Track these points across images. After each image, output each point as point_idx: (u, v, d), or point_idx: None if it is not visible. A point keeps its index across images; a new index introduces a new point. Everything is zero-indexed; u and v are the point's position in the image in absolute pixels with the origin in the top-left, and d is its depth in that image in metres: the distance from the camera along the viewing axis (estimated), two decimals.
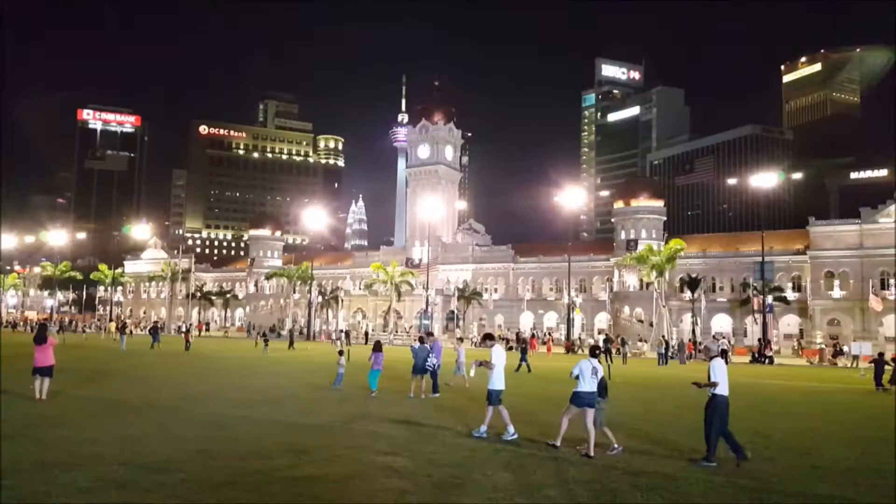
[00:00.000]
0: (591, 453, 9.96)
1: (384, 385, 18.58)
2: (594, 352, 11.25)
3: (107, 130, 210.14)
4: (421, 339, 19.13)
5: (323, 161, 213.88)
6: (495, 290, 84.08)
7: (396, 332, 72.73)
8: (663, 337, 46.72)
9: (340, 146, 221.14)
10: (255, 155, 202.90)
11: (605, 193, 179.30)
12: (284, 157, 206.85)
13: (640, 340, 57.97)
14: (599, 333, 67.08)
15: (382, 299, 79.26)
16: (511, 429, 11.30)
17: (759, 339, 49.97)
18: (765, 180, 60.06)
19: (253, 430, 12.26)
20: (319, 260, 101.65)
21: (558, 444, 10.46)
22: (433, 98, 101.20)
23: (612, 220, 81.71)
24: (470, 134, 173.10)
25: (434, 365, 18.11)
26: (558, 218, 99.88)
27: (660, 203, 78.85)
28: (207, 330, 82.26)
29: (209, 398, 16.85)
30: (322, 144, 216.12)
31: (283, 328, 74.57)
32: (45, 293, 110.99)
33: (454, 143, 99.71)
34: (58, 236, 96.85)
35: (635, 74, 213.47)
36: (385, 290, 76.99)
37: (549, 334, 65.97)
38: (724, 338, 50.49)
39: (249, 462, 9.33)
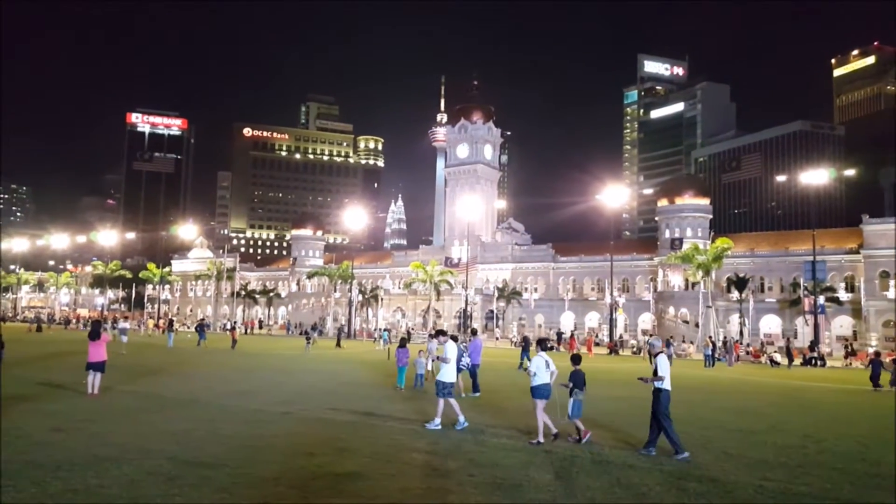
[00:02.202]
0: (541, 440, 10.71)
1: (424, 384, 18.70)
2: (544, 345, 11.89)
3: (154, 133, 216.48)
4: (454, 338, 19.15)
5: (363, 161, 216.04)
6: (535, 290, 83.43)
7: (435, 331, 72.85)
8: (710, 338, 45.54)
9: (380, 146, 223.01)
10: (297, 156, 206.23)
11: (648, 191, 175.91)
12: (325, 157, 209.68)
13: (685, 341, 56.67)
14: (643, 334, 65.92)
15: (422, 298, 79.52)
16: (438, 421, 11.96)
17: (802, 341, 48.27)
18: (815, 177, 57.99)
19: (296, 426, 12.38)
20: (359, 259, 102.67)
21: (541, 439, 10.82)
22: (472, 97, 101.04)
23: (656, 218, 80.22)
24: (509, 132, 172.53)
25: (468, 364, 18.10)
26: (600, 216, 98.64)
27: (705, 201, 77.03)
28: (260, 328, 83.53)
29: (253, 395, 17.08)
30: (362, 145, 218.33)
31: (325, 326, 75.42)
32: (96, 291, 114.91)
33: (493, 141, 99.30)
34: (108, 236, 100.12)
35: (679, 70, 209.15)
36: (424, 290, 77.20)
37: (592, 335, 65.08)
38: (719, 338, 49.75)
39: (293, 458, 9.41)
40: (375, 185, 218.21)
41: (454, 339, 18.97)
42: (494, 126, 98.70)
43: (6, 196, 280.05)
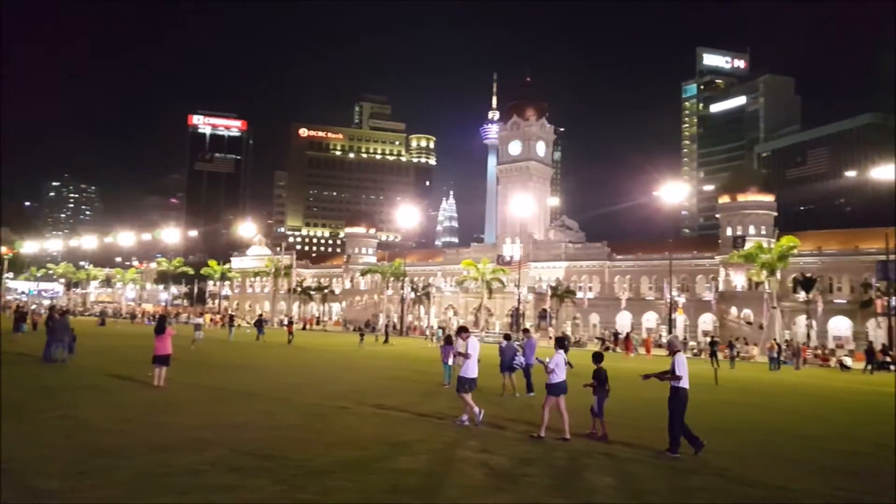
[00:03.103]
0: (567, 436, 10.84)
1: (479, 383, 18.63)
2: (562, 344, 12.04)
3: (215, 135, 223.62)
4: (507, 337, 19.17)
5: (415, 160, 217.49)
6: (590, 289, 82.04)
7: (488, 329, 72.67)
8: (775, 340, 43.78)
9: (432, 145, 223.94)
10: (351, 155, 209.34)
11: (708, 188, 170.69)
12: (378, 156, 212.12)
13: (749, 344, 54.65)
14: (704, 335, 63.93)
15: (473, 296, 79.38)
16: (465, 417, 12.17)
17: (875, 345, 45.72)
18: (887, 172, 54.87)
19: (351, 421, 12.51)
20: (411, 257, 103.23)
21: (542, 434, 10.98)
22: (524, 94, 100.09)
23: (717, 215, 77.65)
24: (563, 129, 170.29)
25: (522, 363, 17.93)
26: (657, 214, 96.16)
27: (769, 198, 74.09)
28: (317, 324, 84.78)
29: (309, 388, 17.36)
30: (414, 143, 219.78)
31: (378, 323, 76.30)
32: (160, 287, 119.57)
33: (546, 138, 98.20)
34: (171, 234, 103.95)
35: (740, 63, 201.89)
36: (476, 288, 77.03)
37: (651, 335, 63.55)
38: (713, 335, 48.74)
39: (349, 452, 9.52)
40: (427, 183, 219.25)
41: (507, 338, 18.90)
42: (547, 122, 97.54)
43: (76, 196, 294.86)
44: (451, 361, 20.11)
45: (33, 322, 38.39)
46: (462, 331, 13.95)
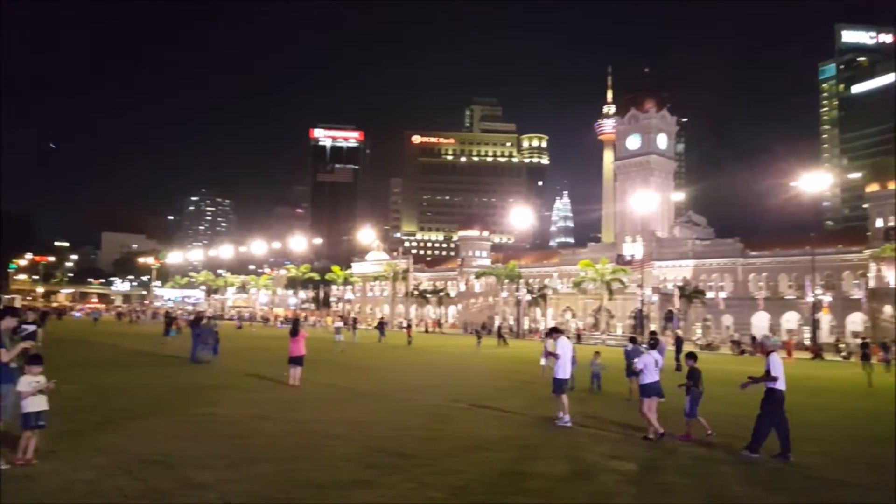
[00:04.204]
0: (650, 436, 10.81)
1: (604, 387, 18.39)
2: (654, 343, 12.33)
3: (335, 146, 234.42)
4: (632, 340, 18.27)
5: (527, 160, 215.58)
6: (721, 288, 76.78)
7: (609, 331, 70.00)
8: None
9: (544, 144, 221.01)
10: (463, 159, 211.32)
11: (853, 175, 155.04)
12: (490, 159, 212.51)
13: None
14: (854, 337, 57.73)
15: (592, 298, 76.92)
16: (567, 418, 12.06)
17: None
18: None
19: (474, 422, 12.53)
20: (526, 258, 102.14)
21: (651, 435, 10.86)
22: (642, 85, 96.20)
23: (865, 205, 70.40)
24: (686, 119, 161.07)
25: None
26: (796, 205, 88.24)
27: None
28: (439, 326, 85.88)
29: (431, 389, 17.55)
30: (526, 144, 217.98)
31: (493, 325, 75.86)
32: (290, 292, 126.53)
33: (668, 130, 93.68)
34: (298, 242, 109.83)
35: (886, 38, 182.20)
36: (594, 289, 74.53)
37: (791, 337, 58.33)
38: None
39: (476, 453, 9.58)
40: (540, 183, 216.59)
41: (633, 340, 17.82)
42: (669, 113, 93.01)
43: (213, 209, 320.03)
44: (543, 362, 20.35)
45: (178, 326, 41.50)
46: (553, 331, 13.96)
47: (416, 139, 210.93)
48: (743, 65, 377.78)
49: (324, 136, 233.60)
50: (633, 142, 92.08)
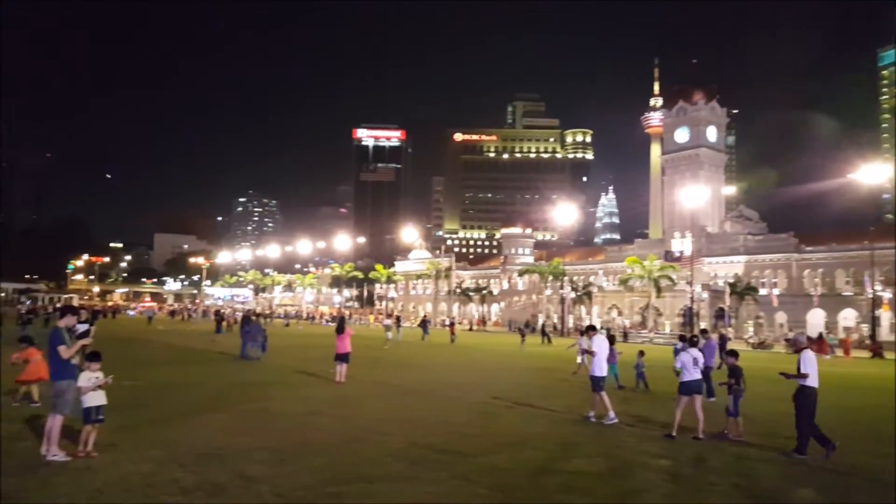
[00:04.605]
0: (700, 435, 10.70)
1: (651, 387, 18.15)
2: (692, 341, 12.31)
3: (377, 146, 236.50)
4: (682, 338, 17.64)
5: (570, 156, 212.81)
6: (774, 285, 74.27)
7: (657, 330, 68.53)
8: None
9: (588, 139, 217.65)
10: (505, 156, 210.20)
11: None
12: (532, 155, 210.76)
13: None
14: None
15: (639, 295, 75.44)
16: (612, 414, 12.06)
17: None
18: None
19: (519, 420, 12.51)
20: (570, 255, 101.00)
21: (674, 433, 10.78)
22: (691, 76, 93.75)
23: None
24: (736, 110, 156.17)
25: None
26: (854, 198, 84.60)
27: None
28: (483, 324, 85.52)
29: (475, 387, 17.51)
30: (569, 139, 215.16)
31: (537, 323, 75.23)
32: (334, 290, 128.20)
33: (717, 122, 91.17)
34: (342, 241, 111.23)
35: None
36: (641, 286, 73.03)
37: (849, 335, 55.99)
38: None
39: (521, 451, 9.56)
40: (584, 178, 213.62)
41: (683, 339, 17.24)
42: (718, 105, 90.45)
43: (260, 210, 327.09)
44: (579, 359, 20.75)
45: (229, 324, 42.53)
46: (589, 329, 14.14)
47: (459, 137, 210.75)
48: (797, 52, 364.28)
49: (366, 136, 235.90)
50: (682, 135, 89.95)
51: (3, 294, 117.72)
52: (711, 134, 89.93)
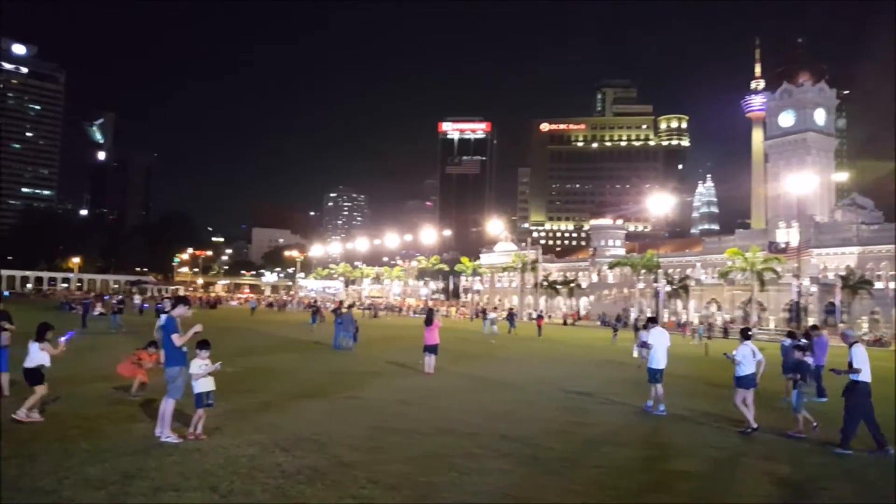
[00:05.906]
0: (753, 426, 10.69)
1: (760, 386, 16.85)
2: (747, 334, 12.03)
3: (462, 139, 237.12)
4: (791, 335, 16.40)
5: (664, 143, 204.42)
6: (892, 278, 68.29)
7: (760, 325, 64.73)
8: None
9: (684, 125, 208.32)
10: (594, 145, 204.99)
11: None
12: (623, 143, 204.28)
13: None
14: None
15: (740, 289, 71.54)
16: (662, 406, 12.32)
17: None
18: None
19: (610, 417, 12.25)
20: (664, 247, 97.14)
21: (747, 429, 10.69)
22: (796, 56, 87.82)
23: None
24: (847, 91, 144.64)
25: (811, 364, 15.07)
26: None
27: None
28: (579, 318, 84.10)
29: (564, 382, 17.24)
30: (663, 125, 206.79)
31: (629, 318, 72.99)
32: (420, 283, 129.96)
33: (826, 104, 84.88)
34: (428, 234, 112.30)
35: None
36: (743, 279, 69.15)
37: None
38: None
39: (615, 449, 9.39)
40: (679, 166, 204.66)
41: (791, 335, 16.15)
42: (827, 86, 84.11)
43: (349, 204, 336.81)
44: (635, 353, 20.88)
45: (322, 315, 43.99)
46: (650, 321, 14.31)
47: (545, 127, 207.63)
48: None
49: (452, 129, 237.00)
50: (787, 118, 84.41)
51: (116, 286, 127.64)
52: (819, 117, 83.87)
